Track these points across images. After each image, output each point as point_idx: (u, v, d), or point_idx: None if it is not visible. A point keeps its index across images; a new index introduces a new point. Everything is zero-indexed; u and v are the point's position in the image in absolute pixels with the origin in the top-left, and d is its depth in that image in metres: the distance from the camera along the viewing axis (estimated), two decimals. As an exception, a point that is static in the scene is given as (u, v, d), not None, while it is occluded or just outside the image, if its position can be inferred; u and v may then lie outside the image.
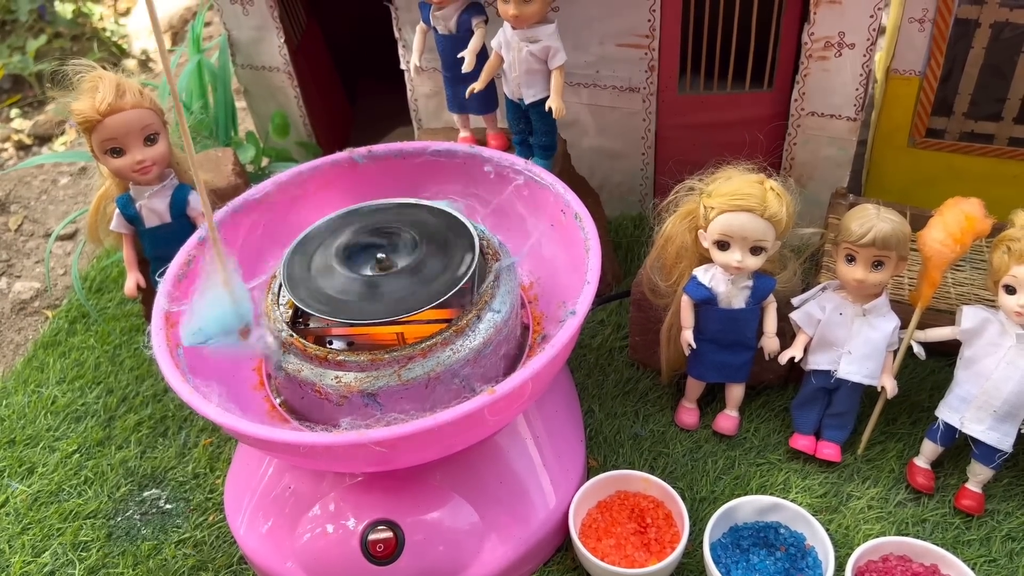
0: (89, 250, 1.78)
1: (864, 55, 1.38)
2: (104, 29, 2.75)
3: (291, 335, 1.05)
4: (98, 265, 1.70)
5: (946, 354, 1.25)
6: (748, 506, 1.12)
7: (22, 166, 1.82)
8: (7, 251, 1.88)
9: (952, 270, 1.37)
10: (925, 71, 1.41)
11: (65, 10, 2.75)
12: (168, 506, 1.26)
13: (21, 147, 2.28)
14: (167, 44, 2.64)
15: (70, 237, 1.90)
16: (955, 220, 1.12)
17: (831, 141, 1.49)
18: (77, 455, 1.34)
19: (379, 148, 1.30)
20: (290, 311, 1.10)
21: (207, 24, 2.55)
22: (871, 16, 1.34)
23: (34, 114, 2.40)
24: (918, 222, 1.24)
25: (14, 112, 2.41)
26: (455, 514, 1.08)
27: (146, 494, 1.28)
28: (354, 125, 2.04)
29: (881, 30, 1.38)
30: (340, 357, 1.02)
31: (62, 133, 2.32)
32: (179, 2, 2.70)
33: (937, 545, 1.06)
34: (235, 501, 1.18)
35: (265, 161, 1.77)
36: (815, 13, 1.37)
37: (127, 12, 2.86)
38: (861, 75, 1.40)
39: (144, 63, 2.62)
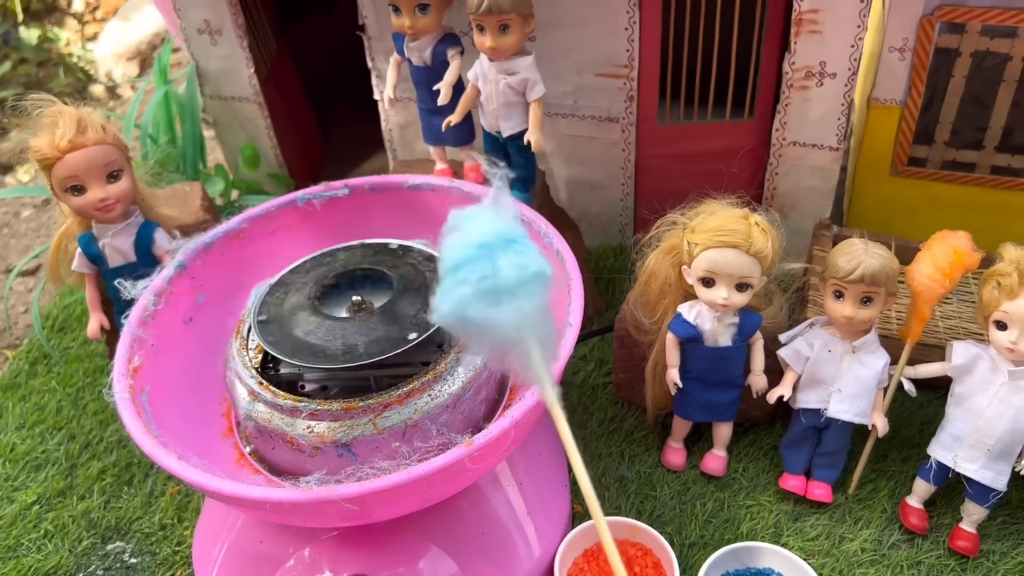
0: (51, 287, 1.72)
1: (846, 85, 1.37)
2: (70, 55, 2.69)
3: (260, 381, 1.01)
4: (60, 303, 1.64)
5: (935, 387, 1.23)
6: (739, 552, 1.09)
7: (-18, 199, 1.76)
8: (-34, 288, 1.81)
9: (940, 303, 1.35)
10: (906, 100, 1.40)
11: (30, 35, 2.70)
12: (133, 560, 1.20)
13: (-18, 177, 2.22)
14: (134, 71, 2.60)
15: (32, 273, 1.84)
16: (943, 255, 1.10)
17: (813, 171, 1.48)
18: (37, 506, 1.28)
19: (355, 182, 1.26)
20: (259, 355, 1.05)
21: (175, 50, 2.51)
22: (852, 46, 1.33)
23: (-4, 143, 2.34)
24: (903, 253, 1.22)
25: (-25, 141, 2.35)
26: (434, 567, 1.03)
27: (110, 547, 1.22)
28: (327, 155, 2.00)
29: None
30: (312, 406, 0.97)
31: (25, 161, 2.26)
32: (146, 28, 2.65)
33: (933, 590, 1.03)
34: (204, 555, 1.13)
35: (235, 194, 1.72)
36: (796, 43, 1.35)
37: (94, 37, 2.81)
38: (843, 105, 1.39)
39: (111, 89, 2.56)
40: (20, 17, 2.78)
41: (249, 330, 1.08)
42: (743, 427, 1.30)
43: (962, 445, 1.10)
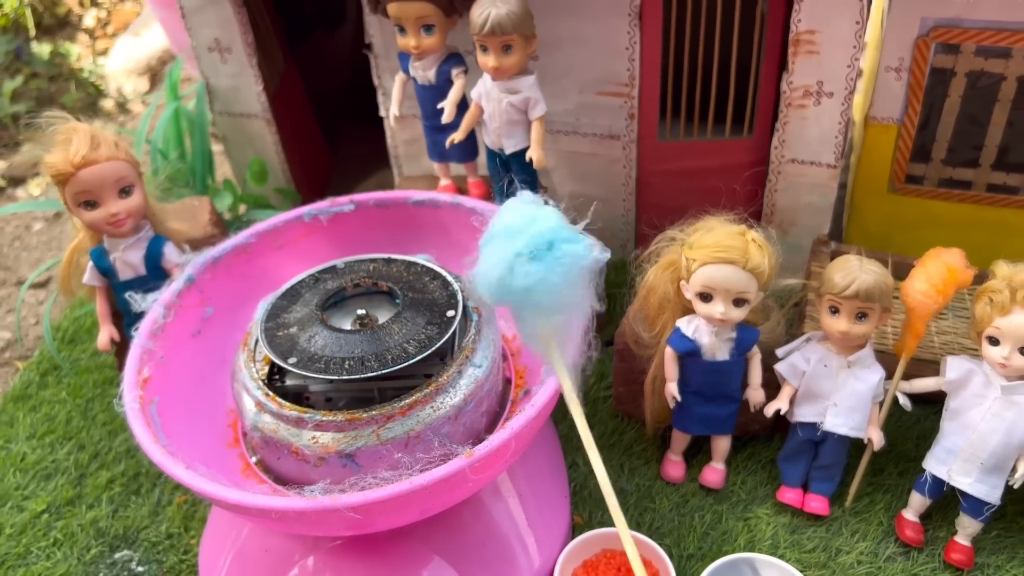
0: (62, 299, 1.75)
1: (843, 103, 1.39)
2: (81, 70, 2.73)
3: (267, 393, 1.03)
4: (71, 315, 1.66)
5: (931, 402, 1.24)
6: (737, 564, 1.10)
7: (-5, 213, 1.79)
8: (-22, 299, 1.84)
9: (935, 318, 1.36)
10: (903, 119, 1.42)
11: (42, 51, 2.73)
12: (140, 568, 1.22)
13: (-5, 189, 2.25)
14: (144, 86, 2.63)
15: (43, 285, 1.86)
16: (937, 271, 1.11)
17: (812, 188, 1.50)
18: (46, 515, 1.30)
19: (360, 197, 1.28)
20: (266, 367, 1.07)
21: (185, 66, 2.54)
22: (848, 66, 1.35)
23: (9, 156, 2.37)
24: (900, 270, 1.23)
25: (-12, 155, 2.39)
26: (436, 576, 1.05)
27: (117, 556, 1.24)
28: (334, 170, 2.03)
29: (859, 76, 1.39)
30: (317, 417, 0.99)
31: (37, 175, 2.29)
32: (157, 44, 2.69)
33: (928, 602, 1.04)
34: (210, 563, 1.14)
35: (243, 208, 1.75)
36: (793, 62, 1.37)
37: (105, 52, 2.85)
38: (840, 123, 1.41)
39: (122, 104, 2.60)
40: (32, 32, 2.82)
41: (256, 343, 1.10)
42: (741, 440, 1.31)
43: (956, 459, 1.12)
